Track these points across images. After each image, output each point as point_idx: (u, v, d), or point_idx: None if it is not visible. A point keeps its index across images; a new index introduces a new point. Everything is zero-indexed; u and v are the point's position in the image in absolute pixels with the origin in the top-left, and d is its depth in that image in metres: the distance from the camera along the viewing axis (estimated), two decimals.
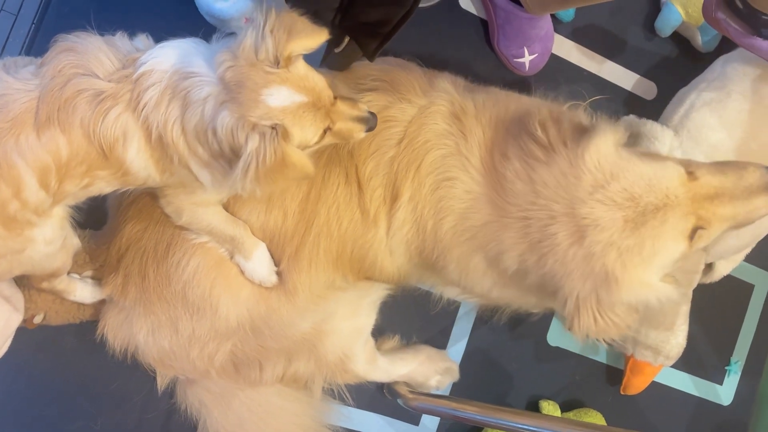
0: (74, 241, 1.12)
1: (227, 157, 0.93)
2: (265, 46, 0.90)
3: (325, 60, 1.19)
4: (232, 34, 0.97)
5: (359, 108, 1.00)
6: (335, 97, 0.98)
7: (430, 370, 1.48)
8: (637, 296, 1.01)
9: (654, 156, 1.03)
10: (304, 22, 0.93)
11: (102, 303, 1.28)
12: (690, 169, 1.02)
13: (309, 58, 0.96)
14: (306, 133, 0.93)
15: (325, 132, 0.97)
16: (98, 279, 1.27)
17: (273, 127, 0.89)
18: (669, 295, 1.02)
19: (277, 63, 0.90)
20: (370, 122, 1.01)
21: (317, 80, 0.95)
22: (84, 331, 1.33)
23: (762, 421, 0.65)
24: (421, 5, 1.10)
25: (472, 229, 1.09)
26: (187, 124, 0.92)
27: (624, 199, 0.98)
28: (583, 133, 1.03)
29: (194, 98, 0.90)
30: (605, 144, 1.01)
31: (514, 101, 1.16)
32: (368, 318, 1.37)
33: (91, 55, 0.93)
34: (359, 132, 1.01)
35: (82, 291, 1.25)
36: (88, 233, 1.28)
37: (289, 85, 0.91)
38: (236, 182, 0.91)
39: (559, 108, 1.12)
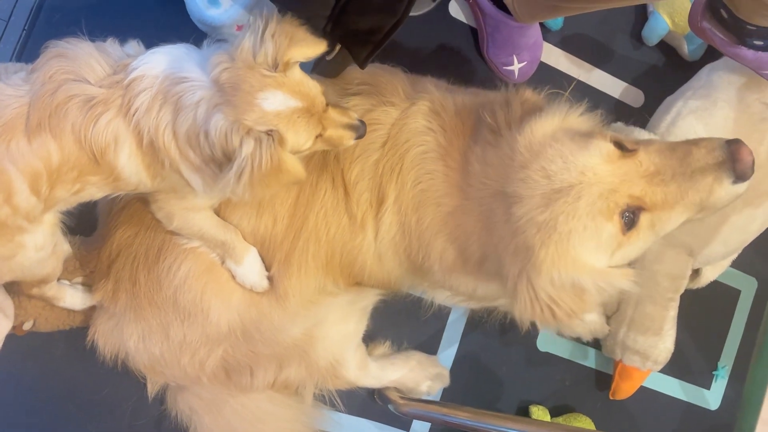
0: (65, 247, 1.12)
1: (219, 161, 0.93)
2: (265, 50, 0.91)
3: (316, 67, 1.20)
4: (222, 41, 0.98)
5: (349, 116, 1.02)
6: (327, 104, 0.99)
7: (420, 375, 1.48)
8: (562, 274, 0.98)
9: (588, 135, 1.01)
10: (305, 32, 0.95)
11: (92, 309, 1.28)
12: (633, 146, 1.00)
13: (300, 65, 0.97)
14: (299, 138, 0.94)
15: (316, 138, 0.98)
16: (88, 285, 1.27)
17: (268, 133, 0.90)
18: (611, 281, 0.99)
19: (275, 67, 0.91)
20: (359, 130, 1.02)
21: (312, 86, 0.96)
22: (74, 337, 1.32)
23: (746, 424, 0.65)
24: (411, 14, 1.11)
25: (445, 217, 1.09)
26: (179, 129, 0.92)
27: (541, 177, 0.98)
28: (534, 115, 1.04)
29: (186, 102, 0.91)
30: (542, 126, 1.02)
31: (489, 94, 1.18)
32: (359, 324, 1.37)
33: (82, 60, 0.94)
34: (349, 139, 1.02)
35: (72, 297, 1.25)
36: (78, 239, 1.28)
37: (284, 89, 0.92)
38: (228, 186, 0.91)
39: (514, 93, 1.12)
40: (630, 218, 0.98)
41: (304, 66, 0.98)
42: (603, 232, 0.97)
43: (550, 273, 0.98)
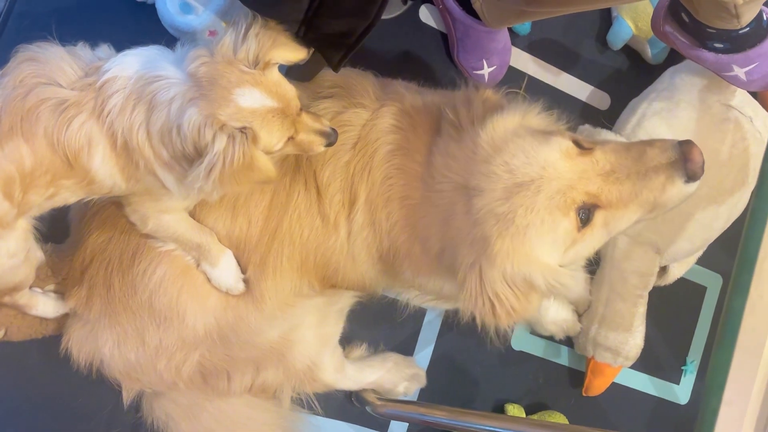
0: (38, 254, 1.11)
1: (189, 158, 0.93)
2: (247, 47, 0.92)
3: (290, 70, 1.21)
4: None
5: (322, 122, 1.03)
6: (301, 109, 1.00)
7: (397, 376, 1.49)
8: (515, 268, 1.00)
9: (548, 132, 1.04)
10: (287, 36, 0.97)
11: (66, 317, 1.26)
12: (590, 145, 1.02)
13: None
14: (272, 138, 0.95)
15: (287, 140, 0.99)
16: (61, 293, 1.25)
17: (242, 130, 0.91)
18: (562, 280, 1.01)
19: (254, 65, 0.92)
20: (330, 137, 1.03)
21: (288, 89, 0.97)
22: (47, 346, 1.30)
23: (710, 407, 0.68)
24: (382, 17, 1.13)
25: (411, 210, 1.11)
26: (152, 127, 0.92)
27: (503, 171, 1.00)
28: (496, 112, 1.07)
29: (160, 100, 0.91)
30: (503, 123, 1.05)
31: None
32: (336, 326, 1.38)
33: (53, 64, 0.93)
34: (319, 145, 1.03)
35: (45, 305, 1.23)
36: (50, 246, 1.26)
37: (262, 88, 0.92)
38: (197, 181, 0.90)
39: (474, 92, 1.15)
40: (585, 215, 1.01)
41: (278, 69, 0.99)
42: (559, 228, 1.00)
43: (504, 265, 1.00)
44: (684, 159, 1.01)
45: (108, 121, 0.92)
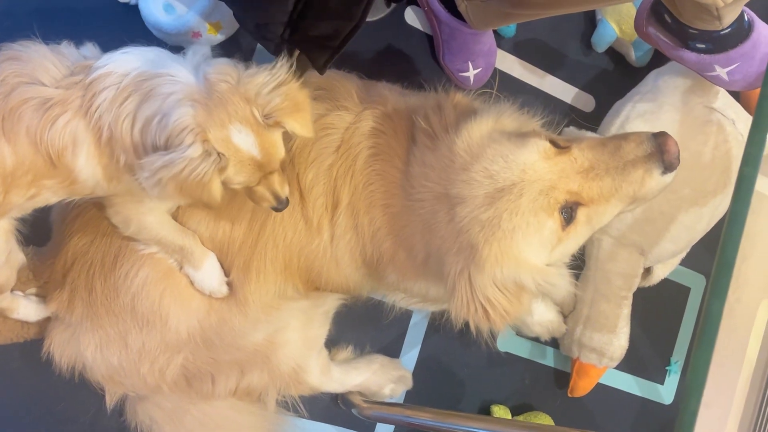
0: (19, 256, 1.10)
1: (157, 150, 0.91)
2: (269, 99, 0.93)
3: None
4: (207, 54, 0.99)
5: (283, 189, 1.03)
6: (276, 171, 1.01)
7: (383, 379, 1.49)
8: (504, 272, 1.00)
9: (523, 134, 1.05)
10: (310, 113, 0.99)
11: (47, 321, 1.25)
12: (566, 143, 1.03)
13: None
14: (237, 177, 0.96)
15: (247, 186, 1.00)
16: (42, 296, 1.24)
17: (219, 155, 0.91)
18: (548, 277, 1.02)
19: (265, 117, 0.94)
20: (280, 204, 1.04)
21: (278, 152, 0.98)
22: (29, 350, 1.29)
23: (689, 410, 0.69)
24: (367, 19, 1.13)
25: (393, 218, 1.11)
26: (140, 114, 0.90)
27: (483, 177, 1.00)
28: (469, 118, 1.07)
29: (159, 92, 0.90)
30: (478, 128, 1.05)
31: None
32: (321, 328, 1.37)
33: (36, 63, 0.93)
34: (267, 204, 1.04)
35: (26, 309, 1.22)
36: (31, 249, 1.24)
37: (258, 139, 0.94)
38: (147, 171, 0.89)
39: (445, 97, 1.15)
40: (568, 213, 1.01)
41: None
42: (545, 228, 1.00)
43: (493, 270, 1.00)
44: (660, 151, 1.02)
45: (96, 116, 0.91)
